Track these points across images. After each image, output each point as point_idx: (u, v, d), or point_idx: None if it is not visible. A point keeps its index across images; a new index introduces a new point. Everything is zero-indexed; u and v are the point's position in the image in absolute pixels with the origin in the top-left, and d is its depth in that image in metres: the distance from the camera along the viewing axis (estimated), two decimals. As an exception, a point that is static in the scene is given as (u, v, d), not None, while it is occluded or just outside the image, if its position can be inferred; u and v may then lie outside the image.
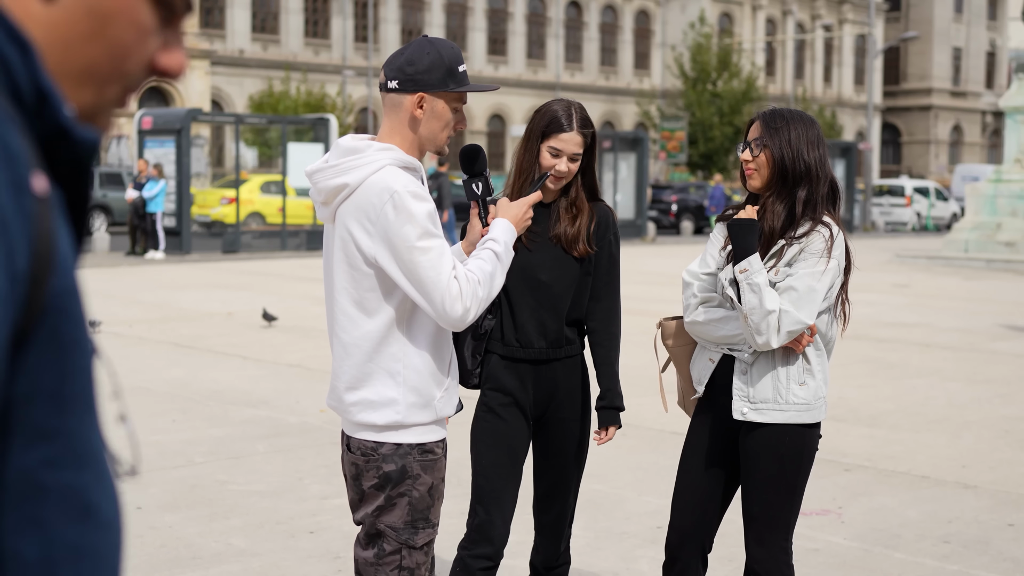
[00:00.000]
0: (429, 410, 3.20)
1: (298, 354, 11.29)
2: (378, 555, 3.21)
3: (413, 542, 3.20)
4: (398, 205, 3.05)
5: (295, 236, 27.07)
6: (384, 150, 3.13)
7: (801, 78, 73.14)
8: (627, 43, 68.23)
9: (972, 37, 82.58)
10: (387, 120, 3.22)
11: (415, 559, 3.21)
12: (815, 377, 3.68)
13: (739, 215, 3.70)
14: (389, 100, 3.20)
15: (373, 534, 3.22)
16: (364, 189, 3.09)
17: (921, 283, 20.21)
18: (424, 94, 3.14)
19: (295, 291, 17.44)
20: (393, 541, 3.20)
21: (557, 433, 3.97)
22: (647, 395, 9.08)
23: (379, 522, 3.20)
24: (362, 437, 3.22)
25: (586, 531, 5.85)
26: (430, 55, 3.16)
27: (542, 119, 3.86)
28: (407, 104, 3.16)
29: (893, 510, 6.30)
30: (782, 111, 3.74)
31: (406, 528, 3.19)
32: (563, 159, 3.82)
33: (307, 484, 6.67)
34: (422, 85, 3.14)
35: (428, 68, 3.14)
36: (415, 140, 3.19)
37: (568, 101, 3.93)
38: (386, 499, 3.19)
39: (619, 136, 35.33)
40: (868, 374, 10.58)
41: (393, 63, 3.19)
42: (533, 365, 3.89)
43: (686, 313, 3.81)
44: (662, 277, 20.03)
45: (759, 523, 3.71)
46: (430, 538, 3.24)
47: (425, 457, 3.21)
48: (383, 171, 3.10)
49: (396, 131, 3.19)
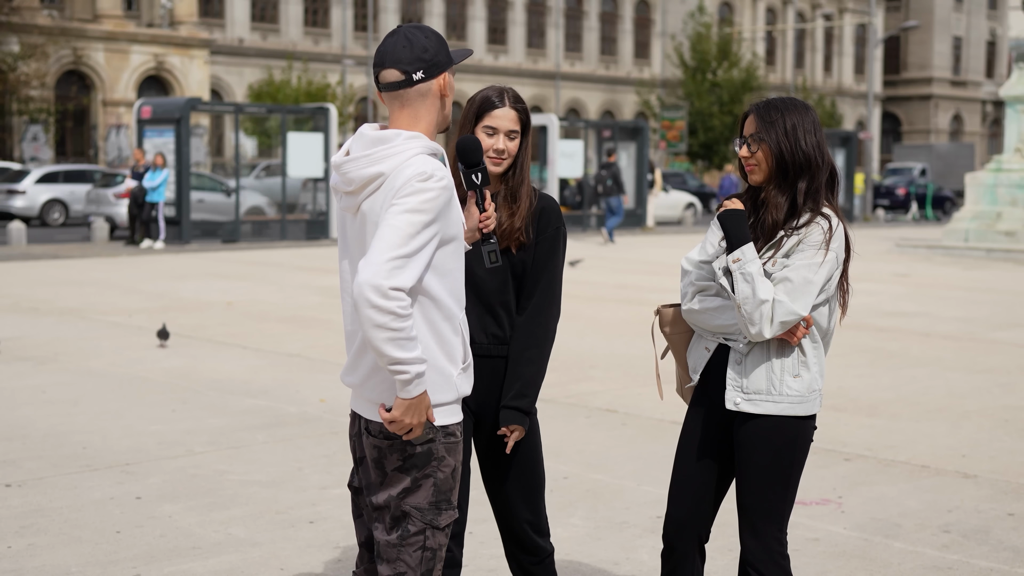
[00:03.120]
0: (449, 388, 3.23)
1: (298, 344, 11.29)
2: (402, 536, 3.24)
3: (437, 523, 3.24)
4: (418, 182, 3.09)
5: (295, 226, 27.05)
6: (413, 138, 3.18)
7: (801, 67, 73.08)
8: (627, 32, 68.15)
9: (972, 26, 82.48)
10: (408, 111, 3.24)
11: (438, 540, 3.25)
12: (810, 369, 3.66)
13: (724, 205, 3.69)
14: (415, 92, 3.22)
15: (398, 516, 3.24)
16: (396, 176, 3.13)
17: (921, 273, 20.21)
18: (446, 73, 3.25)
19: (295, 281, 17.43)
20: (418, 522, 3.23)
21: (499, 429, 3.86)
22: (646, 385, 9.09)
23: (404, 504, 3.23)
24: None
25: (586, 521, 5.85)
26: (431, 38, 3.23)
27: (473, 104, 3.79)
28: (435, 88, 3.24)
29: (893, 500, 6.30)
30: (775, 102, 3.72)
31: (431, 509, 3.23)
32: (499, 136, 3.75)
33: (307, 474, 6.67)
34: (442, 66, 3.24)
35: (438, 49, 3.23)
36: (439, 122, 3.28)
37: (500, 86, 3.87)
38: (412, 481, 3.22)
39: (619, 125, 35.30)
40: (868, 363, 10.58)
41: (404, 57, 3.20)
42: (477, 359, 3.75)
43: (683, 301, 3.80)
44: (661, 267, 20.03)
45: (753, 514, 3.71)
46: (452, 519, 3.28)
47: (448, 440, 3.25)
48: (416, 159, 3.14)
49: (421, 119, 3.25)
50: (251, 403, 8.57)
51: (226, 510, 5.96)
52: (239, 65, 53.51)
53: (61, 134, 45.43)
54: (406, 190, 3.09)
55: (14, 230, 23.66)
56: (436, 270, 3.18)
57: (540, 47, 64.84)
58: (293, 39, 55.32)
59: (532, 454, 3.92)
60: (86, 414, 8.18)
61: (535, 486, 3.94)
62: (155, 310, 13.65)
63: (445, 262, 3.20)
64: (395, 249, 3.05)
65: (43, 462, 6.86)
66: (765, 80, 62.96)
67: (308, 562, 5.22)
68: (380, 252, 3.05)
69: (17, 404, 8.49)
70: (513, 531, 3.95)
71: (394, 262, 3.04)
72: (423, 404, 3.15)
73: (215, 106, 36.56)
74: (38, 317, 13.00)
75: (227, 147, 49.67)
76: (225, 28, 53.55)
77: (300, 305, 14.39)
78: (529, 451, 3.91)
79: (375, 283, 3.02)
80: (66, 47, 44.41)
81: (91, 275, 17.85)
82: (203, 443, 7.37)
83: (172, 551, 5.33)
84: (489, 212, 3.51)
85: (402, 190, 3.10)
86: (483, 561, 5.09)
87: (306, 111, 28.86)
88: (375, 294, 3.02)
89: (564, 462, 6.90)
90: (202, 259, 21.28)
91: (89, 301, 14.48)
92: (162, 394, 8.87)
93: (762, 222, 3.68)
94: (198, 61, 48.19)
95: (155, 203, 23.69)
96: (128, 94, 46.01)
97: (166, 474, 6.62)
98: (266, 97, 47.38)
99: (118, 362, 10.23)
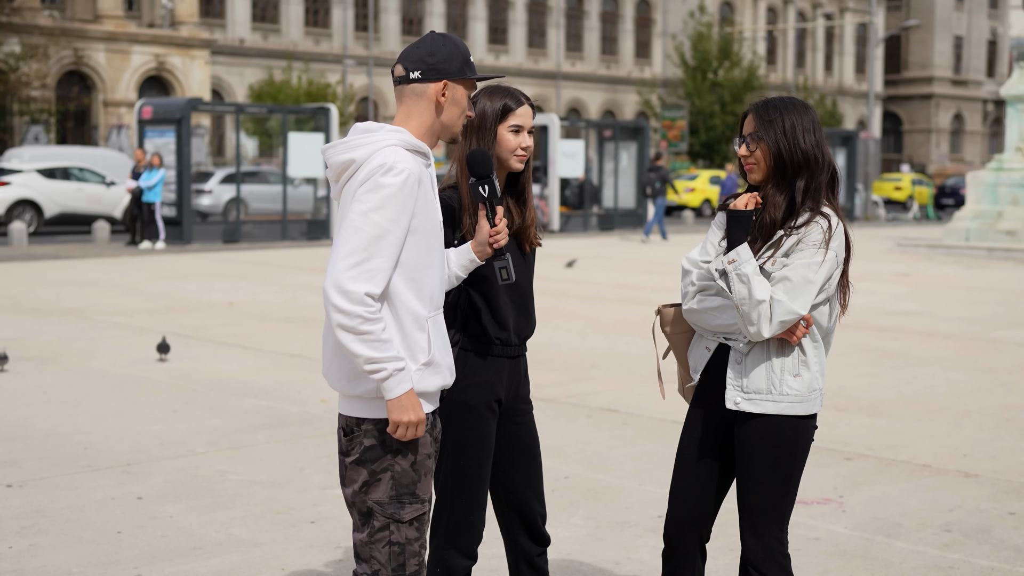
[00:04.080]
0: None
1: (299, 344, 11.29)
2: (370, 533, 3.28)
3: (400, 516, 3.25)
4: (379, 176, 3.15)
5: (296, 226, 27.06)
6: (394, 132, 3.26)
7: (802, 67, 73.06)
8: (628, 32, 68.14)
9: (973, 25, 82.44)
10: (403, 108, 3.33)
11: (404, 534, 3.26)
12: (810, 369, 3.66)
13: (736, 203, 3.68)
14: (410, 91, 3.31)
15: (364, 512, 3.28)
16: (365, 165, 3.20)
17: (922, 272, 20.20)
18: (447, 81, 3.29)
19: (296, 281, 17.44)
20: (381, 517, 3.26)
21: (522, 423, 3.93)
22: (647, 385, 9.09)
23: (368, 499, 3.27)
24: (346, 412, 3.30)
25: (587, 520, 5.85)
26: (447, 46, 3.30)
27: (493, 105, 3.77)
28: (431, 92, 3.30)
29: (894, 499, 6.30)
30: (775, 101, 3.72)
31: (391, 503, 3.25)
32: (524, 133, 3.78)
33: (308, 474, 6.67)
34: (444, 73, 3.29)
35: (448, 58, 3.29)
36: (433, 126, 3.32)
37: (505, 86, 3.88)
38: (370, 474, 3.26)
39: (620, 125, 35.28)
40: (869, 363, 10.58)
41: (412, 55, 3.30)
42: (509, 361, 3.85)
43: (684, 301, 3.80)
44: (661, 266, 20.03)
45: (754, 514, 3.71)
46: (418, 513, 3.28)
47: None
48: (388, 149, 3.20)
49: (413, 117, 3.32)
50: (252, 403, 8.57)
51: (227, 510, 5.96)
52: (240, 65, 53.50)
53: (62, 134, 45.43)
54: (367, 185, 3.16)
55: (15, 230, 23.66)
56: (402, 265, 3.22)
57: (541, 47, 64.83)
58: (294, 39, 55.32)
59: (538, 450, 4.00)
60: (87, 414, 8.18)
61: (541, 480, 4.02)
62: (156, 310, 13.66)
63: (412, 256, 3.23)
64: (357, 254, 3.11)
65: (44, 462, 6.86)
66: (766, 80, 62.93)
67: (309, 562, 5.22)
68: (343, 256, 3.12)
69: (18, 404, 8.49)
70: (530, 525, 3.98)
71: (359, 268, 3.10)
72: (411, 402, 3.17)
73: (216, 106, 36.53)
74: (39, 317, 13.01)
75: (228, 147, 49.67)
76: (226, 28, 53.55)
77: (301, 305, 14.39)
78: (537, 443, 3.99)
79: (341, 287, 3.10)
80: (67, 47, 44.42)
81: (92, 275, 17.86)
82: (204, 443, 7.37)
83: (173, 551, 5.33)
84: (500, 228, 3.54)
85: (365, 183, 3.16)
86: (484, 561, 5.09)
87: (307, 111, 28.86)
88: (341, 298, 3.10)
89: (565, 462, 6.89)
90: (203, 259, 21.29)
91: (90, 301, 14.48)
92: (163, 394, 8.87)
93: (760, 221, 3.68)
94: (199, 61, 48.18)
95: (152, 203, 23.68)
96: (129, 94, 46.02)
97: (167, 474, 6.62)
98: (267, 97, 47.38)
99: (119, 362, 10.24)
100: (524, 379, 3.95)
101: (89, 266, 19.65)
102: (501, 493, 3.97)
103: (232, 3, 53.66)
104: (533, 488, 3.97)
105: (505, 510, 3.99)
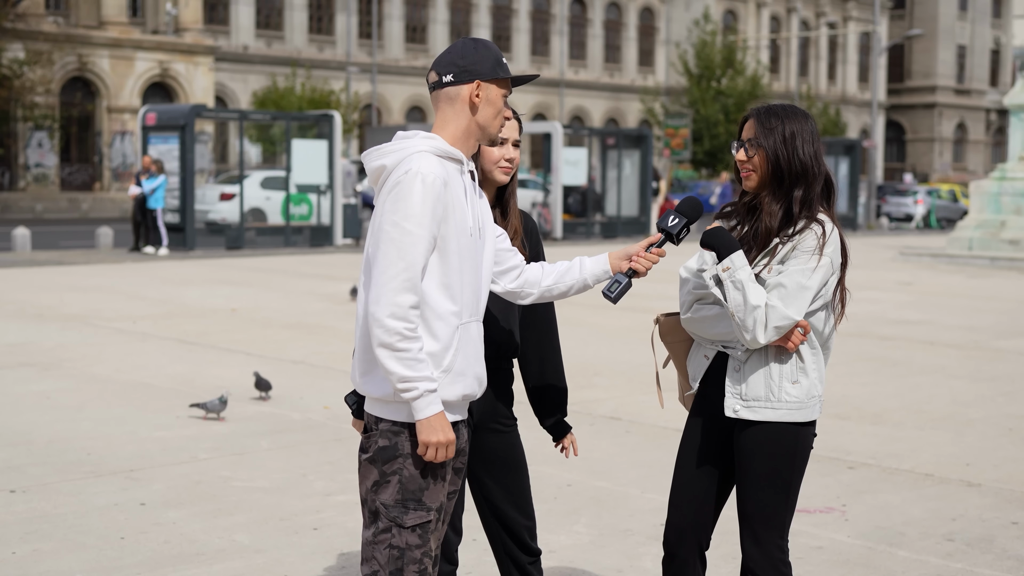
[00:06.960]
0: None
1: (302, 350, 11.29)
2: (374, 533, 3.28)
3: (402, 521, 3.25)
4: (404, 183, 3.18)
5: (299, 233, 27.07)
6: (428, 138, 3.28)
7: (805, 75, 73.08)
8: (631, 40, 68.18)
9: (976, 35, 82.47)
10: (439, 115, 3.35)
11: (405, 539, 3.26)
12: (809, 375, 3.66)
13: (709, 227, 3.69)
14: (444, 95, 3.33)
15: (373, 511, 3.29)
16: (396, 170, 3.23)
17: (925, 281, 20.20)
18: (480, 81, 3.30)
19: (299, 288, 17.45)
20: (384, 519, 3.27)
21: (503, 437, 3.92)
22: (650, 393, 9.08)
23: (376, 499, 3.28)
24: (368, 410, 3.32)
25: (589, 528, 5.85)
26: (477, 49, 3.33)
27: None
28: (464, 93, 3.31)
29: (897, 508, 6.29)
30: (776, 108, 3.71)
31: (396, 506, 3.25)
32: (508, 145, 3.75)
33: (311, 481, 6.67)
34: (476, 74, 3.31)
35: (479, 59, 3.31)
36: (469, 128, 3.33)
37: None
38: (380, 475, 3.27)
39: (623, 133, 35.26)
40: (872, 372, 10.57)
41: (443, 60, 3.33)
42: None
43: (682, 310, 3.80)
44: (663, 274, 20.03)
45: (754, 522, 3.71)
46: (422, 520, 3.27)
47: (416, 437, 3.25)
48: (417, 155, 3.23)
49: (449, 122, 3.33)
50: (255, 409, 8.57)
51: (230, 516, 5.97)
52: (244, 72, 53.54)
53: (66, 140, 45.46)
54: (393, 192, 3.18)
55: (19, 236, 23.67)
56: (431, 270, 3.22)
57: (544, 55, 64.87)
58: (298, 46, 55.36)
59: (522, 460, 3.97)
60: (90, 420, 8.19)
61: (528, 493, 3.98)
62: (159, 316, 13.67)
63: (441, 260, 3.23)
64: (396, 265, 3.14)
65: (47, 468, 6.87)
66: (769, 88, 62.96)
67: (312, 569, 5.22)
68: (384, 272, 3.15)
69: (21, 410, 8.50)
70: (516, 537, 3.95)
71: (397, 281, 3.14)
72: (441, 423, 3.19)
73: (220, 113, 36.58)
74: (43, 323, 13.02)
75: (231, 154, 49.69)
76: (230, 35, 53.60)
77: (304, 312, 14.40)
78: (520, 457, 3.96)
79: (385, 300, 3.13)
80: (71, 54, 44.45)
81: (95, 281, 17.87)
82: (207, 449, 7.37)
83: (176, 557, 5.34)
84: (651, 256, 3.57)
85: (392, 190, 3.19)
86: (486, 568, 5.09)
87: (310, 118, 28.88)
88: (384, 314, 3.13)
89: (568, 469, 6.90)
90: (206, 265, 21.30)
91: (93, 307, 14.50)
92: (166, 400, 8.88)
93: (756, 229, 3.68)
94: (203, 68, 48.22)
95: (154, 209, 23.70)
96: (133, 101, 46.04)
97: (170, 480, 6.63)
98: (270, 104, 47.41)
99: (122, 368, 10.24)
100: (504, 395, 3.90)
101: (92, 272, 19.66)
102: (485, 506, 3.97)
103: (236, 10, 53.72)
104: (515, 502, 3.94)
105: (491, 521, 3.98)
